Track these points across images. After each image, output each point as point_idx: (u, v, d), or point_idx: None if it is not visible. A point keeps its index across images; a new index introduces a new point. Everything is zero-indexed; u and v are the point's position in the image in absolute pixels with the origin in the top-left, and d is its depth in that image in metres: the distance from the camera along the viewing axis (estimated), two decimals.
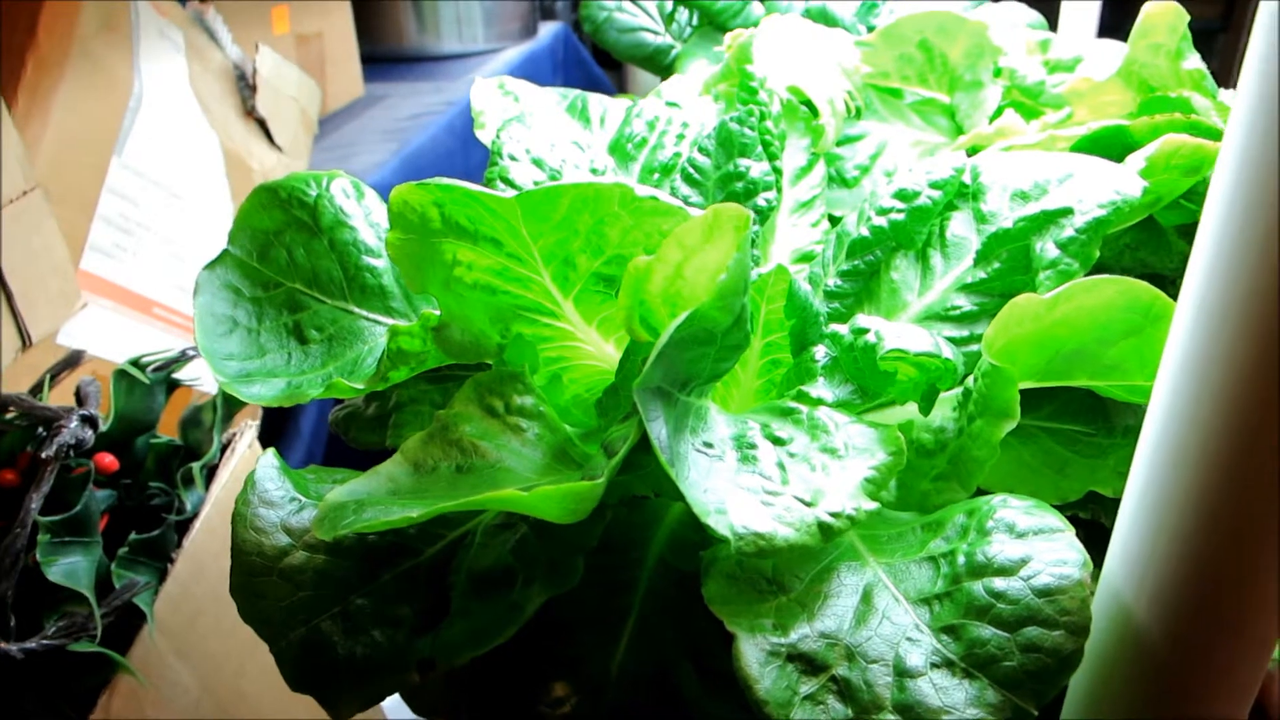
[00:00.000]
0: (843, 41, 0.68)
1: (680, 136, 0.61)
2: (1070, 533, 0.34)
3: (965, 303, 0.49)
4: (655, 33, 1.03)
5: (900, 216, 0.52)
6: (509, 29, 1.84)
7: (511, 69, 1.69)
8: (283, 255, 0.53)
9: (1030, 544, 0.34)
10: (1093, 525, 0.45)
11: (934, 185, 0.52)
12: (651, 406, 0.32)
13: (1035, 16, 0.91)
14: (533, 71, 1.78)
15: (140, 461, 0.70)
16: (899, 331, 0.42)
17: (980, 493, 0.42)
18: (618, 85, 2.11)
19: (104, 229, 0.83)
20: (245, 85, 1.03)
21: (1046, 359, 0.43)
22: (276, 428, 0.98)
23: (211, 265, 0.52)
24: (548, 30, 1.94)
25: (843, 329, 0.44)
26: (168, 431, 0.74)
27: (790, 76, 0.61)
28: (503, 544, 0.40)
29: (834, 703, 0.33)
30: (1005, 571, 0.34)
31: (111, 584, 0.61)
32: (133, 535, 0.63)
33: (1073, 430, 0.47)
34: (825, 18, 0.83)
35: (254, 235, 0.52)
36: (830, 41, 0.67)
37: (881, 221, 0.52)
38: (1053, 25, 0.94)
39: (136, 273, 0.86)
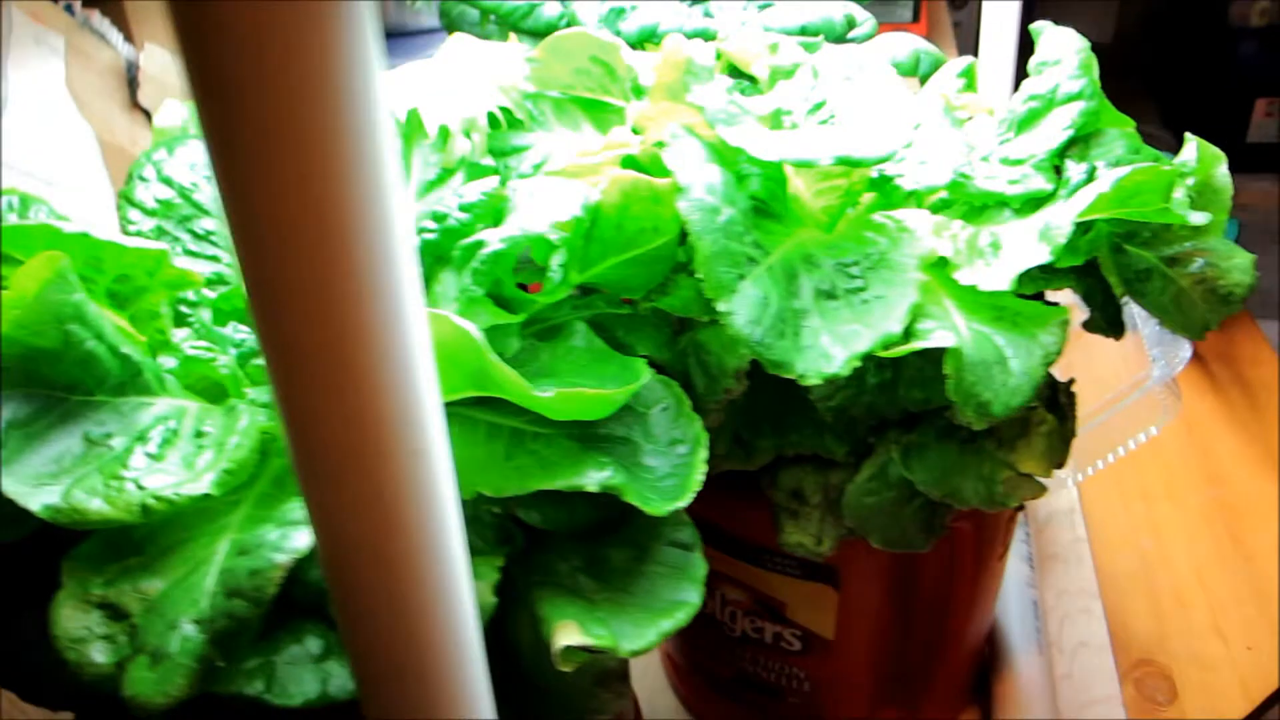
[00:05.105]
0: (513, 58, 0.75)
1: None
2: None
3: None
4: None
5: (432, 236, 0.59)
6: None
7: None
8: None
9: None
10: None
11: (464, 208, 0.59)
12: None
13: (923, 45, 0.72)
14: None
15: None
16: None
17: None
18: None
19: None
20: (133, 80, 1.16)
21: None
22: None
23: None
24: None
25: None
26: None
27: (419, 101, 0.68)
28: None
29: None
30: None
31: None
32: None
33: None
34: (572, 24, 0.88)
35: None
36: (497, 59, 0.74)
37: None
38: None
39: None
